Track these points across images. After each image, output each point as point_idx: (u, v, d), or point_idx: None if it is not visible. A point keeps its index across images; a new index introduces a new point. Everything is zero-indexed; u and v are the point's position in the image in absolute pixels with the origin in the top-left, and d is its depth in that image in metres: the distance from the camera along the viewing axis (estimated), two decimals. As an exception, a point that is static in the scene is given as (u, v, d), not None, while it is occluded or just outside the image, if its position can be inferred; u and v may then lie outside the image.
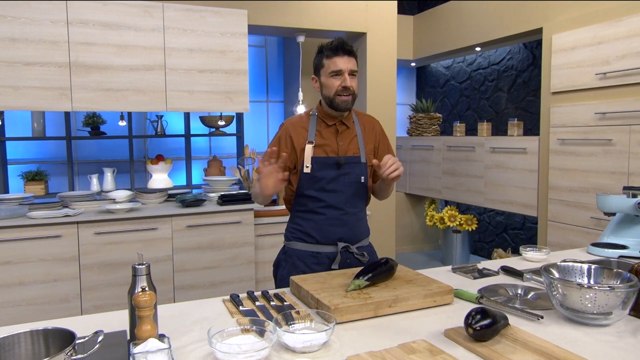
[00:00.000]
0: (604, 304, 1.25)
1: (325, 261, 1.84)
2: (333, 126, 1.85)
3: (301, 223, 1.87)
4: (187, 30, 3.17)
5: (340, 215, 1.82)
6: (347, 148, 1.84)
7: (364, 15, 3.75)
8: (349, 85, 1.76)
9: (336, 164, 1.81)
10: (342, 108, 1.79)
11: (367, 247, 1.95)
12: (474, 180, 4.39)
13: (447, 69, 5.63)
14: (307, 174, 1.80)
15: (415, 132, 5.23)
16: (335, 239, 1.83)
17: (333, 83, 1.77)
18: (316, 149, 1.81)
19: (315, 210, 1.82)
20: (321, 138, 1.83)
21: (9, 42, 2.77)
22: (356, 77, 1.81)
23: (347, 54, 1.76)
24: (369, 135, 1.91)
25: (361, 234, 1.91)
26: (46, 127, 3.77)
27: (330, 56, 1.77)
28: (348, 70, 1.76)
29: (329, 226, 1.82)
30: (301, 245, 1.86)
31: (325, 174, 1.80)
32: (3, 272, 2.74)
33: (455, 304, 1.51)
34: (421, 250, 5.57)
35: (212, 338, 1.14)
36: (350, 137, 1.87)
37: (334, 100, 1.78)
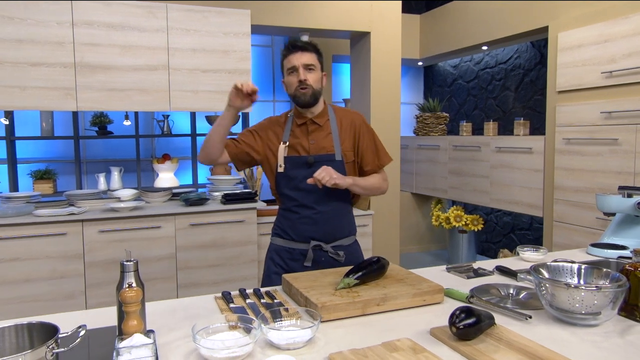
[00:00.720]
0: (591, 304, 1.24)
1: (299, 257, 1.88)
2: (304, 125, 1.87)
3: (281, 220, 1.93)
4: (191, 30, 3.20)
5: (312, 214, 1.84)
6: (319, 146, 1.84)
7: (368, 15, 3.75)
8: (302, 79, 1.77)
9: (306, 163, 1.82)
10: (302, 102, 1.81)
11: (348, 247, 1.93)
12: (479, 180, 4.36)
13: (455, 68, 5.59)
14: (281, 174, 1.85)
15: (421, 131, 5.21)
16: (308, 237, 1.85)
17: (291, 80, 1.81)
18: (289, 149, 1.85)
19: (290, 208, 1.87)
20: (294, 138, 1.86)
21: (16, 43, 2.83)
22: (315, 70, 1.81)
23: (299, 50, 1.78)
24: (347, 132, 1.89)
25: (337, 233, 1.89)
26: (55, 126, 3.83)
27: (286, 55, 1.82)
28: (302, 65, 1.78)
29: (301, 224, 1.85)
30: (280, 241, 1.92)
31: (297, 173, 1.83)
32: (10, 269, 2.80)
33: (445, 303, 1.51)
34: (427, 250, 5.55)
35: (197, 334, 1.15)
36: (323, 135, 1.86)
37: (295, 96, 1.82)
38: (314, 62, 1.81)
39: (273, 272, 1.92)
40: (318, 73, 1.83)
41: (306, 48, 1.80)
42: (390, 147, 3.94)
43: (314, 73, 1.81)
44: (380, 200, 3.93)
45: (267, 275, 1.95)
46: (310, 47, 1.82)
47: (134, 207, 3.14)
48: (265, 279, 1.97)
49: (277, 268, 1.91)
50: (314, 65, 1.81)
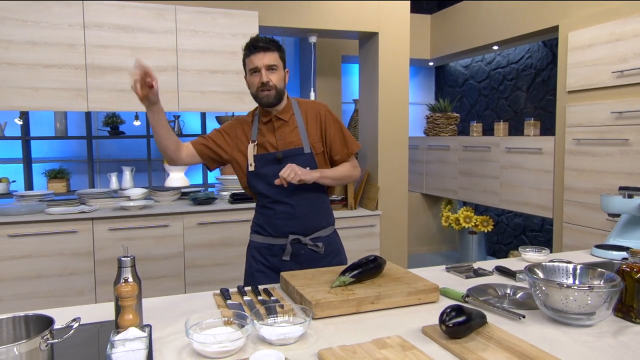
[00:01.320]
0: (584, 304, 1.24)
1: (278, 252, 1.89)
2: (269, 122, 1.87)
3: (259, 217, 1.93)
4: (199, 31, 3.24)
5: (288, 209, 1.85)
6: (287, 142, 1.85)
7: (375, 15, 3.76)
8: (265, 81, 1.77)
9: (275, 159, 1.83)
10: (265, 104, 1.81)
11: (327, 238, 1.95)
12: (489, 181, 4.33)
13: (466, 68, 5.56)
14: (252, 172, 1.86)
15: (432, 132, 5.19)
16: (286, 232, 1.86)
17: (253, 81, 1.80)
18: (258, 147, 1.85)
19: (266, 205, 1.88)
20: (261, 136, 1.86)
21: (29, 46, 2.90)
22: (277, 70, 1.79)
23: (261, 50, 1.75)
24: (313, 123, 1.89)
25: (315, 224, 1.90)
26: (68, 127, 3.92)
27: (247, 55, 1.79)
28: (264, 66, 1.76)
29: (278, 220, 1.86)
30: (259, 238, 1.93)
31: (267, 170, 1.83)
32: (23, 265, 2.88)
33: (440, 302, 1.51)
34: (438, 251, 5.52)
35: (190, 329, 1.18)
36: (290, 130, 1.87)
37: (258, 96, 1.82)
38: (276, 62, 1.79)
39: (255, 269, 1.93)
40: (281, 72, 1.82)
41: (268, 48, 1.77)
42: (398, 147, 3.95)
43: (276, 73, 1.79)
44: (388, 201, 3.93)
45: (249, 273, 1.95)
46: (272, 46, 1.78)
47: (143, 205, 3.19)
48: (247, 277, 1.96)
49: (259, 265, 1.92)
50: (276, 65, 1.79)
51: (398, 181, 3.96)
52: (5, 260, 2.85)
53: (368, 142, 4.09)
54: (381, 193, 3.92)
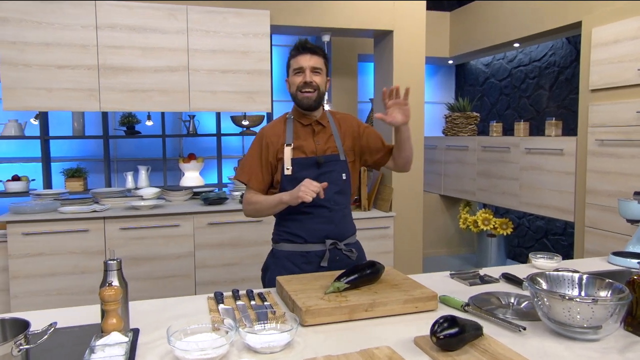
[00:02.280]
0: (589, 317, 1.16)
1: (314, 259, 1.84)
2: (309, 126, 1.87)
3: (288, 225, 1.87)
4: (210, 31, 3.24)
5: (326, 212, 1.82)
6: (325, 147, 1.85)
7: (390, 13, 3.68)
8: (309, 80, 1.78)
9: (315, 164, 1.81)
10: (305, 104, 1.81)
11: (355, 244, 1.94)
12: (508, 183, 4.20)
13: (487, 67, 5.42)
14: (289, 176, 1.81)
15: (450, 131, 5.07)
16: (323, 236, 1.83)
17: (295, 80, 1.81)
18: (295, 151, 1.83)
19: (301, 210, 1.82)
20: (298, 140, 1.84)
21: (43, 47, 2.95)
22: (321, 74, 1.82)
23: (309, 52, 1.79)
24: (345, 132, 1.92)
25: (347, 230, 1.90)
26: (86, 126, 3.98)
27: (294, 55, 1.82)
28: (309, 67, 1.78)
29: (316, 224, 1.83)
30: (289, 247, 1.86)
31: (306, 174, 1.80)
32: (36, 263, 2.93)
33: (439, 310, 1.45)
34: (456, 254, 5.40)
35: (172, 336, 1.15)
36: (327, 136, 1.87)
37: (297, 97, 1.82)
38: (321, 66, 1.82)
39: None
40: (323, 77, 1.84)
41: (315, 51, 1.81)
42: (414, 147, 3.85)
43: (320, 76, 1.82)
44: (402, 202, 3.85)
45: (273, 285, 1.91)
46: (320, 52, 1.83)
47: (154, 205, 3.21)
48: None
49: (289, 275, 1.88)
50: (321, 69, 1.82)
51: (413, 182, 3.88)
52: (19, 257, 2.90)
53: (382, 142, 4.02)
54: (395, 194, 3.85)
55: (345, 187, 1.87)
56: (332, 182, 1.82)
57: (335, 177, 1.84)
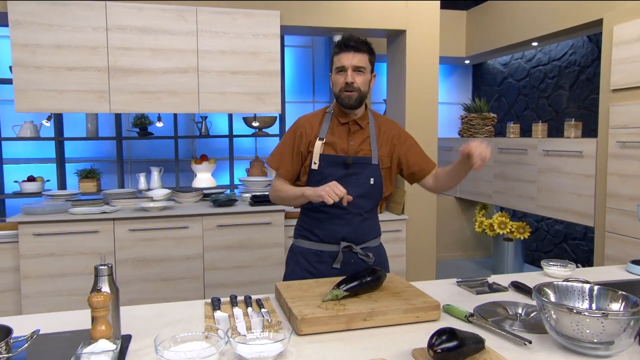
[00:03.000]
0: (599, 332, 1.09)
1: (328, 259, 1.80)
2: (346, 125, 1.81)
3: (307, 220, 1.85)
4: (220, 32, 3.22)
5: (344, 214, 1.77)
6: (357, 148, 1.79)
7: (403, 13, 3.61)
8: (349, 81, 1.72)
9: (344, 163, 1.76)
10: (346, 104, 1.75)
11: (375, 249, 1.88)
12: (525, 185, 4.08)
13: (505, 66, 5.29)
14: (315, 171, 1.77)
15: (466, 133, 4.96)
16: (338, 237, 1.78)
17: (338, 80, 1.75)
18: (326, 147, 1.78)
19: (319, 208, 1.78)
20: (332, 136, 1.80)
21: (54, 49, 2.97)
22: (364, 73, 1.74)
23: (352, 50, 1.72)
24: (385, 138, 1.85)
25: (367, 234, 1.84)
26: (100, 127, 4.01)
27: (337, 53, 1.75)
28: (351, 67, 1.72)
29: (331, 225, 1.78)
30: (306, 243, 1.84)
31: (332, 172, 1.76)
32: (47, 264, 2.95)
33: (442, 321, 1.39)
34: (472, 257, 5.28)
35: (160, 345, 1.12)
36: (363, 138, 1.81)
37: (339, 97, 1.76)
38: (365, 64, 1.75)
39: (299, 277, 1.85)
40: (367, 75, 1.77)
41: (359, 48, 1.73)
42: (427, 149, 3.74)
43: (362, 75, 1.74)
44: (415, 205, 3.77)
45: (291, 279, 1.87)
46: (364, 48, 1.75)
47: (164, 207, 3.21)
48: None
49: (304, 272, 1.85)
50: (364, 67, 1.74)
51: (426, 184, 3.79)
52: (30, 258, 2.92)
53: (395, 143, 3.95)
54: (408, 197, 3.77)
55: (373, 192, 1.81)
56: (358, 184, 1.77)
57: (362, 180, 1.78)
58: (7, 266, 2.95)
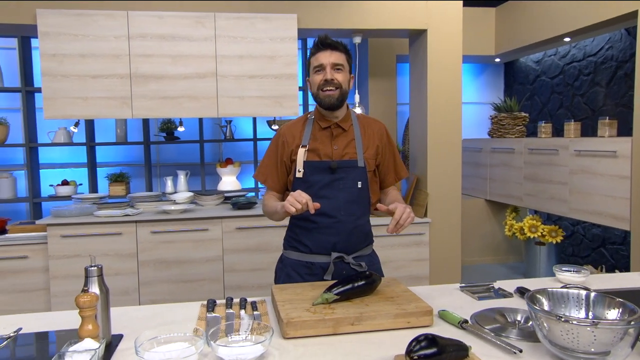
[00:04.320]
0: (590, 342, 1.02)
1: (318, 272, 1.73)
2: (328, 129, 1.75)
3: (296, 230, 1.79)
4: (238, 37, 3.26)
5: (333, 223, 1.71)
6: (342, 152, 1.73)
7: (424, 12, 3.55)
8: (330, 78, 1.66)
9: (329, 168, 1.71)
10: (326, 103, 1.69)
11: (368, 257, 1.81)
12: (557, 187, 3.91)
13: (537, 64, 5.10)
14: (300, 179, 1.72)
15: (496, 133, 4.81)
16: (329, 248, 1.72)
17: (316, 79, 1.70)
18: (309, 153, 1.72)
19: (307, 217, 1.72)
20: (315, 142, 1.74)
21: (79, 58, 3.09)
22: (343, 71, 1.70)
23: (329, 48, 1.67)
24: (370, 139, 1.79)
25: (359, 242, 1.77)
26: (129, 132, 4.15)
27: (314, 53, 1.71)
28: (330, 64, 1.67)
29: (321, 234, 1.72)
30: (295, 255, 1.78)
31: (318, 178, 1.71)
32: (72, 264, 3.07)
33: (435, 326, 1.35)
34: (504, 262, 5.10)
35: (140, 346, 1.13)
36: (347, 141, 1.75)
37: (318, 96, 1.70)
38: (343, 62, 1.71)
39: None
40: (346, 74, 1.73)
41: (336, 47, 1.70)
42: (450, 151, 3.70)
43: (342, 73, 1.70)
44: (439, 208, 3.69)
45: None
46: (341, 47, 1.72)
47: (184, 209, 3.27)
48: None
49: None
50: (342, 65, 1.70)
51: (450, 187, 3.71)
52: (58, 259, 3.05)
53: (417, 145, 3.88)
54: (431, 200, 3.69)
55: (360, 196, 1.74)
56: (345, 189, 1.72)
57: (349, 185, 1.72)
58: (39, 266, 3.08)
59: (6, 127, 3.78)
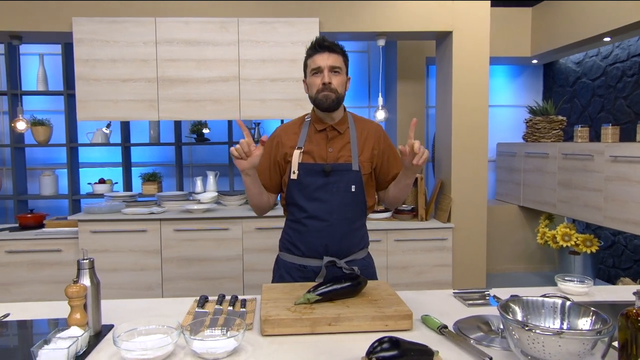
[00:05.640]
0: (556, 352, 0.99)
1: (311, 275, 1.74)
2: (323, 131, 1.76)
3: (290, 233, 1.81)
4: (260, 41, 3.33)
5: (325, 226, 1.71)
6: (337, 155, 1.73)
7: (449, 13, 3.49)
8: (327, 82, 1.66)
9: (323, 172, 1.71)
10: (323, 105, 1.69)
11: (362, 261, 1.80)
12: (591, 194, 3.73)
13: (578, 65, 4.88)
14: (294, 181, 1.73)
15: (531, 137, 4.64)
16: (321, 251, 1.72)
17: (314, 81, 1.70)
18: (304, 155, 1.73)
19: (301, 220, 1.75)
20: (310, 144, 1.75)
21: (110, 63, 3.26)
22: (340, 74, 1.70)
23: (326, 50, 1.67)
24: (367, 142, 1.78)
25: (352, 246, 1.76)
26: (162, 134, 4.32)
27: (311, 55, 1.71)
28: (327, 67, 1.67)
29: (313, 238, 1.73)
30: (289, 257, 1.80)
31: (311, 181, 1.72)
32: (101, 259, 3.23)
33: (414, 331, 1.33)
34: (538, 271, 4.91)
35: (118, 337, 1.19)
36: (343, 144, 1.75)
37: (316, 99, 1.71)
38: (340, 65, 1.71)
39: None
40: (343, 77, 1.73)
41: (333, 49, 1.70)
42: (476, 155, 3.61)
43: (339, 76, 1.70)
44: (463, 213, 3.61)
45: None
46: (338, 49, 1.71)
47: (207, 209, 3.37)
48: None
49: None
50: (340, 68, 1.70)
51: (475, 192, 3.62)
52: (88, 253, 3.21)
53: (441, 149, 3.81)
54: (455, 205, 3.62)
55: (356, 200, 1.74)
56: (338, 192, 1.71)
57: (343, 188, 1.71)
58: (71, 259, 3.27)
59: (50, 128, 4.03)
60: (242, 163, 1.58)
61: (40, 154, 4.35)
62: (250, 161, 1.59)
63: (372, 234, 3.47)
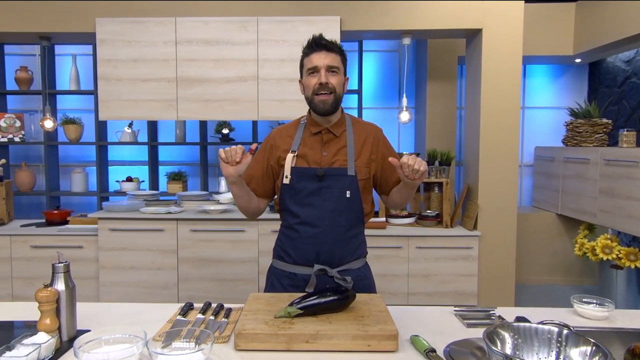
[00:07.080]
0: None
1: (301, 284, 1.65)
2: (318, 134, 1.67)
3: (282, 239, 1.72)
4: (280, 41, 3.27)
5: (317, 233, 1.62)
6: (332, 159, 1.64)
7: (479, 11, 3.30)
8: (324, 82, 1.57)
9: (316, 176, 1.61)
10: (321, 109, 1.60)
11: (357, 271, 1.68)
12: (636, 204, 3.44)
13: (628, 64, 4.54)
14: (286, 185, 1.64)
15: (571, 141, 4.35)
16: (312, 259, 1.63)
17: (310, 82, 1.61)
18: (298, 159, 1.64)
19: (293, 226, 1.66)
20: (305, 147, 1.66)
21: (132, 63, 3.29)
22: (338, 74, 1.61)
23: (324, 49, 1.59)
24: (365, 146, 1.67)
25: (346, 255, 1.66)
26: (187, 133, 4.34)
27: (307, 54, 1.63)
28: (325, 66, 1.58)
29: (304, 245, 1.64)
30: (281, 265, 1.71)
31: (304, 185, 1.62)
32: (119, 256, 3.26)
33: (400, 352, 1.22)
34: (578, 284, 4.59)
35: (80, 348, 1.14)
36: (338, 147, 1.65)
37: (313, 101, 1.62)
38: (338, 65, 1.63)
39: None
40: (341, 77, 1.64)
41: (331, 48, 1.62)
42: (506, 160, 3.41)
43: (337, 76, 1.62)
44: (490, 221, 3.41)
45: None
46: (336, 48, 1.63)
47: (224, 210, 3.34)
48: None
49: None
50: (337, 68, 1.62)
51: (504, 199, 3.41)
52: (107, 250, 3.26)
53: (469, 152, 3.62)
54: (482, 212, 3.42)
55: (349, 206, 1.63)
56: (332, 198, 1.62)
57: (337, 194, 1.62)
58: (91, 256, 3.32)
59: (81, 126, 4.12)
60: (227, 168, 1.52)
61: (72, 151, 4.48)
62: (236, 169, 1.52)
63: (393, 240, 3.33)
